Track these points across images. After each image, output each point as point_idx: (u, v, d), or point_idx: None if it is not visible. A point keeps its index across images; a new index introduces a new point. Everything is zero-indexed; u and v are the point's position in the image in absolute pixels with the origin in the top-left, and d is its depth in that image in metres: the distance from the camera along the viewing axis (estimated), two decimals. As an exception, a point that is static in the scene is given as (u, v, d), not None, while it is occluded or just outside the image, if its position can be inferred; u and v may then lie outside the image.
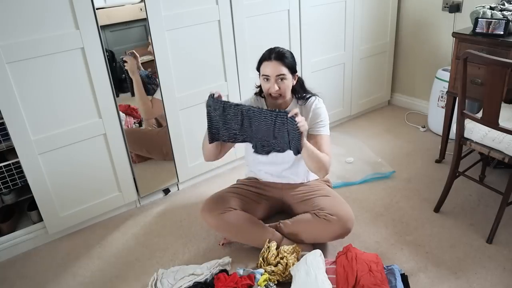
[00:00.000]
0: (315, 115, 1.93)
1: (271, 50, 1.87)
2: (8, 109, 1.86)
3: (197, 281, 1.78)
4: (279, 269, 1.80)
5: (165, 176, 2.52)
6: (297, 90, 1.96)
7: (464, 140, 2.05)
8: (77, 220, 2.25)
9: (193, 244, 2.12)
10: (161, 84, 2.26)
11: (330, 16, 2.87)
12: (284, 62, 1.83)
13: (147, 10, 2.09)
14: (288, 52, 1.87)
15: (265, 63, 1.85)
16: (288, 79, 1.85)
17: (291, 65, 1.85)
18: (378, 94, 3.48)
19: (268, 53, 1.86)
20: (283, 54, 1.84)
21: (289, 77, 1.85)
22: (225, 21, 2.37)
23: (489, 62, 1.75)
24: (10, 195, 2.21)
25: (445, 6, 2.96)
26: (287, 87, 1.86)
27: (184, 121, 2.41)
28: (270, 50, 1.87)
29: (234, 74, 2.52)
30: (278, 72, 1.82)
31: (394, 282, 1.66)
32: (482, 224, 2.09)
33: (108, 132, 2.17)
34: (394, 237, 2.06)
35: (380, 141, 3.02)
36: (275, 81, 1.83)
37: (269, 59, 1.83)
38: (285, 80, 1.84)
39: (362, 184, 2.51)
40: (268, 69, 1.83)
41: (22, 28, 1.80)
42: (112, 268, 2.01)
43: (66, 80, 1.98)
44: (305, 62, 2.84)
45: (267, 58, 1.84)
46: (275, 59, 1.82)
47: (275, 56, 1.82)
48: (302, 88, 1.98)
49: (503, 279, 1.78)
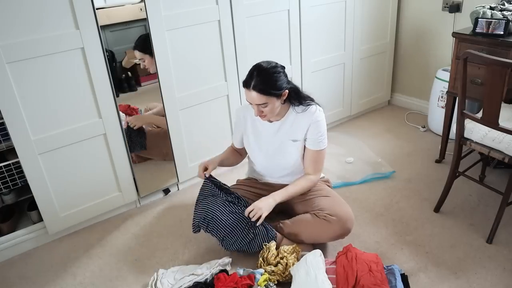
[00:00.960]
0: (316, 128, 1.90)
1: (251, 74, 1.77)
2: (8, 109, 1.86)
3: (197, 281, 1.78)
4: (279, 269, 1.80)
5: (165, 176, 2.52)
6: (292, 100, 1.90)
7: (464, 140, 2.05)
8: (77, 220, 2.25)
9: (193, 244, 2.12)
10: (161, 84, 2.25)
11: (330, 16, 2.87)
12: (264, 92, 1.74)
13: (147, 10, 2.09)
14: (270, 75, 1.76)
15: (245, 90, 1.78)
16: (272, 103, 1.79)
17: (271, 92, 1.75)
18: (378, 94, 3.48)
19: (249, 78, 1.77)
20: (263, 82, 1.74)
21: (272, 101, 1.78)
22: (225, 21, 2.37)
23: (489, 62, 1.75)
24: (10, 195, 2.21)
25: (445, 6, 2.96)
26: (271, 110, 1.81)
27: (184, 121, 2.41)
28: (251, 73, 1.77)
29: (234, 74, 2.52)
30: (259, 102, 1.77)
31: (394, 282, 1.66)
32: (482, 224, 2.09)
33: (108, 132, 2.17)
34: (394, 237, 2.06)
35: (380, 141, 3.02)
36: (257, 108, 1.80)
37: (248, 87, 1.76)
38: (268, 106, 1.78)
39: (362, 184, 2.51)
40: (248, 98, 1.79)
41: (22, 28, 1.80)
42: (112, 268, 2.01)
43: (66, 80, 1.98)
44: (305, 62, 2.84)
45: (247, 85, 1.76)
46: (254, 88, 1.74)
47: (254, 85, 1.74)
48: (298, 96, 1.91)
49: (503, 279, 1.78)
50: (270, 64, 1.82)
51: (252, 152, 2.05)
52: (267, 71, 1.77)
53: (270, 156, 2.00)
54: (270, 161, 2.01)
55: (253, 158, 2.08)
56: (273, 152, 1.98)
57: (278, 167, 2.02)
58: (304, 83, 2.89)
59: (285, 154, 1.97)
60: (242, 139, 2.08)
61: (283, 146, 1.96)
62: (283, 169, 2.02)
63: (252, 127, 2.00)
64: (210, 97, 2.47)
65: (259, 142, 2.01)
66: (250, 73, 1.79)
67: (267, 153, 2.00)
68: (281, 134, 1.95)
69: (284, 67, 1.86)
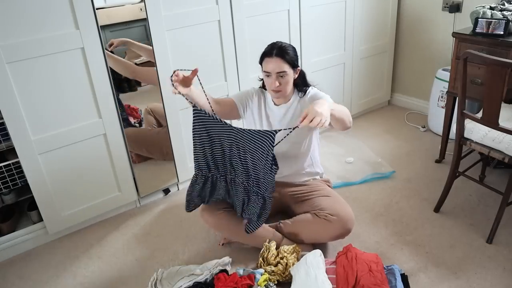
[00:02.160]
0: (313, 97, 1.92)
1: (273, 45, 1.85)
2: (8, 109, 1.86)
3: (197, 281, 1.78)
4: (279, 269, 1.80)
5: (165, 176, 2.52)
6: (299, 84, 1.96)
7: (464, 140, 2.05)
8: (77, 220, 2.25)
9: (193, 244, 2.12)
10: (161, 84, 2.25)
11: (330, 16, 2.87)
12: (285, 59, 1.82)
13: (147, 10, 2.09)
14: (290, 47, 1.86)
15: (266, 59, 1.84)
16: (289, 75, 1.85)
17: (292, 60, 1.84)
18: (378, 94, 3.48)
19: (270, 49, 1.85)
20: (284, 50, 1.83)
21: (290, 72, 1.85)
22: (225, 21, 2.37)
23: (489, 62, 1.75)
24: (10, 195, 2.21)
25: (445, 6, 2.96)
26: (287, 82, 1.86)
27: (184, 121, 2.41)
28: (272, 45, 1.86)
29: (234, 74, 2.52)
30: (279, 69, 1.82)
31: (394, 282, 1.66)
32: (482, 224, 2.09)
33: (108, 132, 2.17)
34: (394, 237, 2.06)
35: (380, 141, 3.02)
36: (276, 77, 1.83)
37: (271, 55, 1.82)
38: (286, 76, 1.84)
39: (362, 184, 2.51)
40: (269, 66, 1.83)
41: (22, 28, 1.80)
42: (112, 268, 2.01)
43: (66, 80, 1.98)
44: (305, 62, 2.84)
45: (269, 54, 1.84)
46: (276, 55, 1.81)
47: (276, 53, 1.81)
48: (304, 81, 1.98)
49: (503, 279, 1.78)
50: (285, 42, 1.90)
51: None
52: (286, 44, 1.87)
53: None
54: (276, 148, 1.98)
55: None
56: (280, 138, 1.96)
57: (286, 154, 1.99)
58: (304, 83, 2.89)
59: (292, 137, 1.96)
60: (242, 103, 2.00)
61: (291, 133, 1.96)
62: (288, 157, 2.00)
63: (259, 109, 2.00)
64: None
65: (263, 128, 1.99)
66: (270, 46, 1.86)
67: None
68: (287, 119, 1.96)
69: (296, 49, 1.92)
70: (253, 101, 2.01)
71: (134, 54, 2.33)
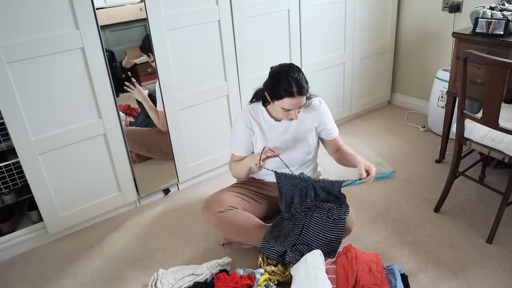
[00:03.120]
0: (328, 119, 2.00)
1: (290, 82, 1.73)
2: (8, 109, 1.86)
3: (197, 281, 1.78)
4: (279, 269, 1.80)
5: (165, 176, 2.52)
6: None
7: (464, 140, 2.05)
8: (77, 220, 2.25)
9: (193, 244, 2.12)
10: (161, 84, 2.26)
11: (330, 16, 2.87)
12: (305, 93, 1.78)
13: (147, 10, 2.09)
14: (304, 77, 1.79)
15: (288, 100, 1.75)
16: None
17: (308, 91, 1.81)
18: (378, 94, 3.47)
19: (289, 87, 1.73)
20: (303, 86, 1.76)
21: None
22: (225, 21, 2.37)
23: (489, 62, 1.75)
24: (10, 195, 2.21)
25: (445, 6, 2.96)
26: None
27: (184, 121, 2.41)
28: (290, 82, 1.74)
29: (234, 74, 2.52)
30: (300, 105, 1.79)
31: (394, 282, 1.66)
32: (482, 224, 2.09)
33: (108, 132, 2.17)
34: (394, 237, 2.06)
35: (380, 141, 3.02)
36: (296, 111, 1.81)
37: (293, 95, 1.74)
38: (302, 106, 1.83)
39: (362, 184, 2.51)
40: (292, 105, 1.77)
41: (22, 28, 1.80)
42: (112, 268, 2.01)
43: (66, 80, 1.98)
44: (305, 62, 2.84)
45: (291, 94, 1.74)
46: (298, 94, 1.75)
47: (297, 91, 1.74)
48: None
49: (503, 279, 1.78)
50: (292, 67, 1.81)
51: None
52: (300, 76, 1.78)
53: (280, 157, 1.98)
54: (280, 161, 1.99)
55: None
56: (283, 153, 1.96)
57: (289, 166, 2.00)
58: (304, 83, 2.89)
59: (297, 152, 1.99)
60: (249, 146, 1.99)
61: (295, 141, 1.97)
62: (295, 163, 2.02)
63: (260, 132, 1.96)
64: (210, 97, 2.47)
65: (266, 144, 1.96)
66: (287, 82, 1.74)
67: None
68: (290, 132, 1.95)
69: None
70: (253, 127, 1.95)
71: (134, 54, 2.33)
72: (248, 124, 1.94)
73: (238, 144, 1.99)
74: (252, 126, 1.95)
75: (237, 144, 2.00)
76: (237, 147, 2.01)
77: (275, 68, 1.84)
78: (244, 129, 1.95)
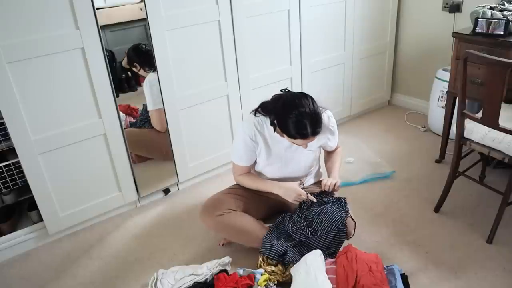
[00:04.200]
0: (333, 135, 2.01)
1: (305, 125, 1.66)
2: (8, 109, 1.86)
3: (197, 281, 1.78)
4: (279, 269, 1.80)
5: (165, 176, 2.52)
6: None
7: (464, 140, 2.05)
8: (77, 220, 2.25)
9: (193, 244, 2.12)
10: (161, 84, 2.25)
11: (330, 16, 2.87)
12: (318, 133, 1.72)
13: (147, 10, 2.09)
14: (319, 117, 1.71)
15: (300, 140, 1.72)
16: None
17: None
18: (378, 94, 3.47)
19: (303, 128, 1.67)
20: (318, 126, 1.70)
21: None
22: (225, 21, 2.37)
23: (489, 62, 1.75)
24: (10, 195, 2.21)
25: (445, 6, 2.96)
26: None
27: (184, 121, 2.41)
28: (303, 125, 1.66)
29: (234, 74, 2.52)
30: (313, 140, 1.77)
31: (394, 282, 1.66)
32: (482, 224, 2.09)
33: (108, 132, 2.17)
34: (394, 237, 2.06)
35: (380, 141, 3.02)
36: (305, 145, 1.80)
37: (306, 138, 1.71)
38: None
39: (362, 184, 2.51)
40: (304, 142, 1.75)
41: (22, 28, 1.80)
42: (112, 268, 2.01)
43: (66, 80, 1.98)
44: (305, 62, 2.84)
45: (304, 136, 1.70)
46: (313, 134, 1.70)
47: (312, 133, 1.69)
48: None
49: (503, 279, 1.78)
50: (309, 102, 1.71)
51: (263, 168, 2.00)
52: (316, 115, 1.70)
53: (283, 167, 1.98)
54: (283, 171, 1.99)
55: (264, 172, 2.02)
56: (286, 163, 1.97)
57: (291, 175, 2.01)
58: (304, 83, 2.89)
59: (300, 162, 1.98)
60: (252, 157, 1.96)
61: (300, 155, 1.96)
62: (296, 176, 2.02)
63: (265, 145, 1.91)
64: (210, 97, 2.47)
65: (269, 159, 1.95)
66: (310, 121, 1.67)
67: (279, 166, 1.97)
68: (295, 147, 1.90)
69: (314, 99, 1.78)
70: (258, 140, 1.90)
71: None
72: (253, 136, 1.88)
73: (241, 154, 1.94)
74: (257, 139, 1.89)
75: (240, 154, 1.95)
76: (239, 158, 1.96)
77: (288, 100, 1.73)
78: (248, 141, 1.89)
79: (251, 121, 1.89)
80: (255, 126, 1.88)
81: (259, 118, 1.89)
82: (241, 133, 1.91)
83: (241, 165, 1.98)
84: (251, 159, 1.96)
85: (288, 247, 1.83)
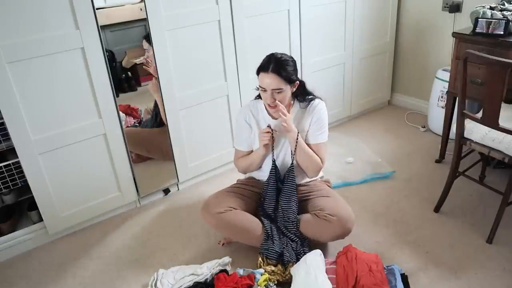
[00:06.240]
0: (318, 121, 1.93)
1: (270, 59, 1.80)
2: (8, 109, 1.86)
3: (197, 281, 1.78)
4: (279, 269, 1.80)
5: (165, 176, 2.52)
6: (298, 94, 1.94)
7: (464, 140, 2.05)
8: (77, 220, 2.25)
9: (193, 244, 2.12)
10: (161, 84, 2.25)
11: (330, 16, 2.87)
12: (281, 75, 1.77)
13: (147, 10, 2.09)
14: (288, 61, 1.81)
15: (262, 74, 1.80)
16: (286, 91, 1.82)
17: (289, 77, 1.80)
18: (378, 94, 3.47)
19: (266, 63, 1.80)
20: (281, 66, 1.77)
21: (286, 88, 1.81)
22: (225, 21, 2.37)
23: (489, 62, 1.75)
24: (10, 195, 2.21)
25: (445, 6, 2.96)
26: (284, 98, 1.84)
27: (184, 121, 2.41)
28: (269, 58, 1.81)
29: (234, 74, 2.52)
30: (274, 86, 1.78)
31: (394, 282, 1.66)
32: (482, 224, 2.09)
33: (108, 132, 2.17)
34: (394, 237, 2.06)
35: (380, 141, 3.02)
36: (271, 93, 1.80)
37: (266, 70, 1.78)
38: (282, 92, 1.80)
39: (362, 184, 2.51)
40: (265, 82, 1.79)
41: (22, 28, 1.80)
42: (112, 268, 2.01)
43: (66, 80, 1.98)
44: (305, 62, 2.84)
45: (265, 69, 1.78)
46: (272, 71, 1.76)
47: (272, 68, 1.76)
48: (303, 91, 1.96)
49: (503, 279, 1.78)
50: (284, 54, 1.87)
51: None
52: (284, 58, 1.82)
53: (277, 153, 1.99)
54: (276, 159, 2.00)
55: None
56: (280, 149, 1.98)
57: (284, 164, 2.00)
58: (304, 83, 2.89)
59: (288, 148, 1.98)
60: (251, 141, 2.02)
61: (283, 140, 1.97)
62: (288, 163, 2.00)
63: (258, 128, 1.98)
64: (210, 97, 2.47)
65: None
66: (267, 58, 1.82)
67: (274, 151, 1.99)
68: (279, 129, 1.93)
69: (295, 60, 1.89)
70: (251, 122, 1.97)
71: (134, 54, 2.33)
72: (247, 118, 1.99)
73: (241, 138, 2.04)
74: (250, 122, 1.98)
75: (239, 139, 2.05)
76: (240, 142, 2.05)
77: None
78: (243, 123, 2.00)
79: (247, 105, 2.02)
80: (250, 109, 1.99)
81: (255, 101, 2.00)
82: (238, 118, 2.04)
83: (241, 150, 2.05)
84: (249, 145, 2.03)
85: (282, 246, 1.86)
